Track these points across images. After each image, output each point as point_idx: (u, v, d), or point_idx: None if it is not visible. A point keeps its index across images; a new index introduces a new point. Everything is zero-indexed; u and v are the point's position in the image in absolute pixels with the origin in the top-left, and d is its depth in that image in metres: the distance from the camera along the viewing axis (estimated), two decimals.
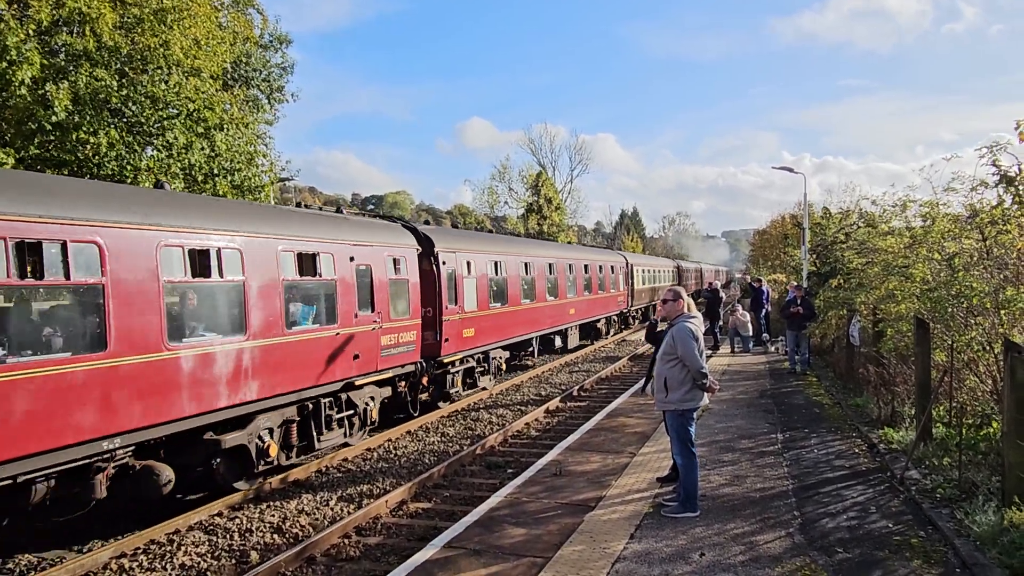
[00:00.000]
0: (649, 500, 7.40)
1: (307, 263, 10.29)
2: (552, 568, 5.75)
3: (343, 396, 11.09)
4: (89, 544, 7.79)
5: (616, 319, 31.06)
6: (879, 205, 15.48)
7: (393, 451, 11.58)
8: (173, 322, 8.00)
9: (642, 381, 15.03)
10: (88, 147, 14.11)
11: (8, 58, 12.91)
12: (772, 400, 13.06)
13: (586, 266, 25.44)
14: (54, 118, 13.34)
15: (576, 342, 24.54)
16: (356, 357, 11.15)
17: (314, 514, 8.63)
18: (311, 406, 10.38)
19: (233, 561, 7.33)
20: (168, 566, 7.14)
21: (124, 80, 14.77)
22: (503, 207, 61.43)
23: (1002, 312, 8.05)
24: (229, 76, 20.60)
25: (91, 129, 13.93)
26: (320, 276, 10.48)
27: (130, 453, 7.66)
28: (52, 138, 14.07)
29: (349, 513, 8.58)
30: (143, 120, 14.75)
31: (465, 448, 11.49)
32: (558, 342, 22.51)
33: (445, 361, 14.37)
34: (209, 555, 7.44)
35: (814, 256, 23.35)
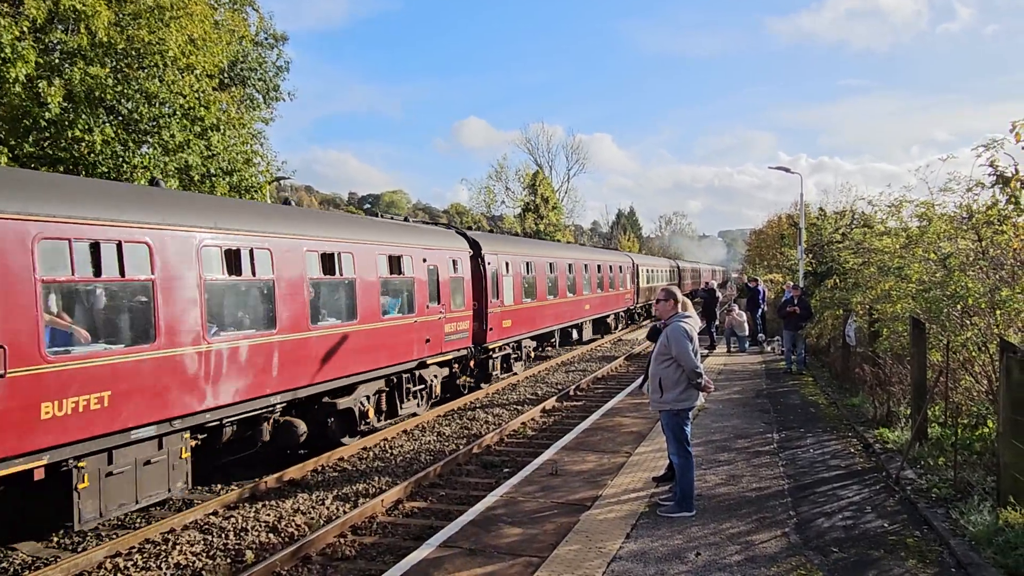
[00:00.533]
0: (645, 500, 7.40)
1: (395, 264, 12.63)
2: (548, 567, 5.74)
3: (417, 373, 13.43)
4: (83, 543, 7.76)
5: (624, 315, 33.24)
6: (875, 206, 15.52)
7: (389, 450, 11.56)
8: (313, 309, 10.42)
9: (639, 380, 15.04)
10: (83, 145, 14.06)
11: (2, 55, 12.85)
12: (768, 400, 13.08)
13: (599, 266, 27.46)
14: (48, 115, 13.27)
15: (590, 335, 26.47)
16: (427, 341, 13.57)
17: (310, 513, 8.61)
18: (395, 380, 12.73)
19: (228, 560, 7.30)
20: (163, 565, 7.12)
21: (119, 76, 14.72)
22: (500, 206, 61.44)
23: (998, 312, 8.06)
24: (225, 75, 20.54)
25: (86, 127, 13.87)
26: (403, 274, 12.84)
27: (281, 409, 10.03)
28: (47, 135, 14.01)
29: (345, 512, 8.56)
30: (138, 117, 14.70)
31: (461, 447, 11.48)
32: (575, 335, 24.73)
33: (489, 347, 16.65)
34: (204, 554, 7.41)
35: (810, 256, 23.40)
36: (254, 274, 9.32)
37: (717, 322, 23.49)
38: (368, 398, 11.84)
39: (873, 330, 12.28)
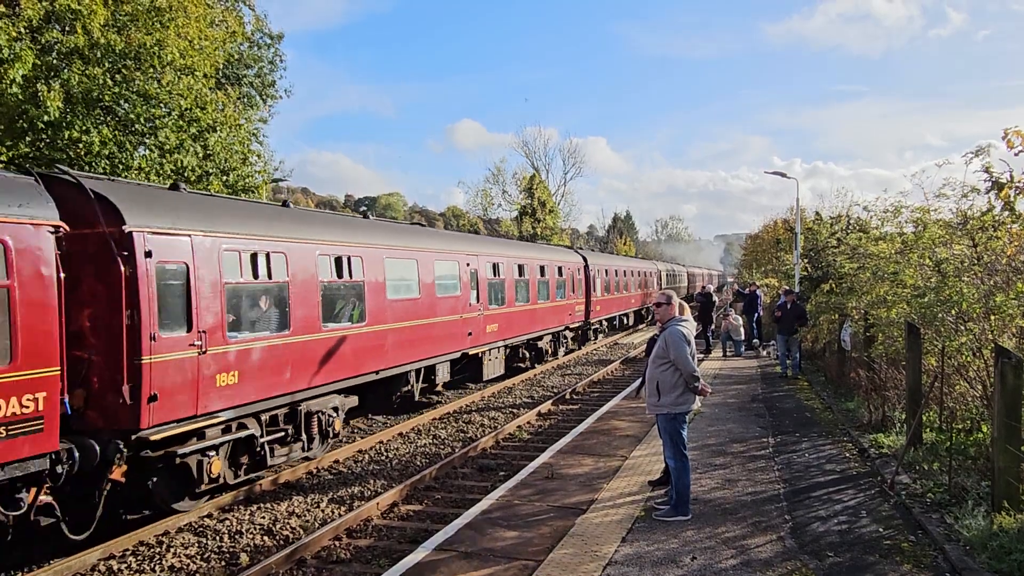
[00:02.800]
0: (641, 503, 7.40)
1: (532, 270, 20.26)
2: (543, 571, 5.74)
3: (567, 335, 24.08)
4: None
5: (569, 335, 38.98)
6: (871, 211, 15.58)
7: (384, 453, 11.54)
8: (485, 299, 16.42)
9: (636, 383, 15.05)
10: (80, 146, 14.02)
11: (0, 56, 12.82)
12: (764, 404, 13.10)
13: (641, 271, 38.80)
14: (46, 117, 13.23)
15: (632, 323, 37.01)
16: (570, 315, 23.62)
17: (304, 516, 8.58)
18: (555, 336, 22.49)
19: (223, 563, 7.28)
20: (157, 568, 7.09)
21: (117, 77, 14.69)
22: (496, 209, 61.45)
23: (992, 318, 8.10)
24: (222, 75, 20.52)
25: (83, 127, 13.84)
26: (547, 276, 21.29)
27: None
28: (43, 136, 13.97)
29: (340, 515, 8.54)
30: (134, 118, 14.67)
31: (457, 450, 11.46)
32: (627, 320, 35.29)
33: (591, 323, 26.97)
34: (199, 557, 7.39)
35: (806, 261, 23.46)
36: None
37: (713, 326, 23.55)
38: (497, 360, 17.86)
39: (868, 335, 12.32)
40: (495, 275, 17.33)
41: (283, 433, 9.83)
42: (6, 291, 6.32)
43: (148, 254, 7.57)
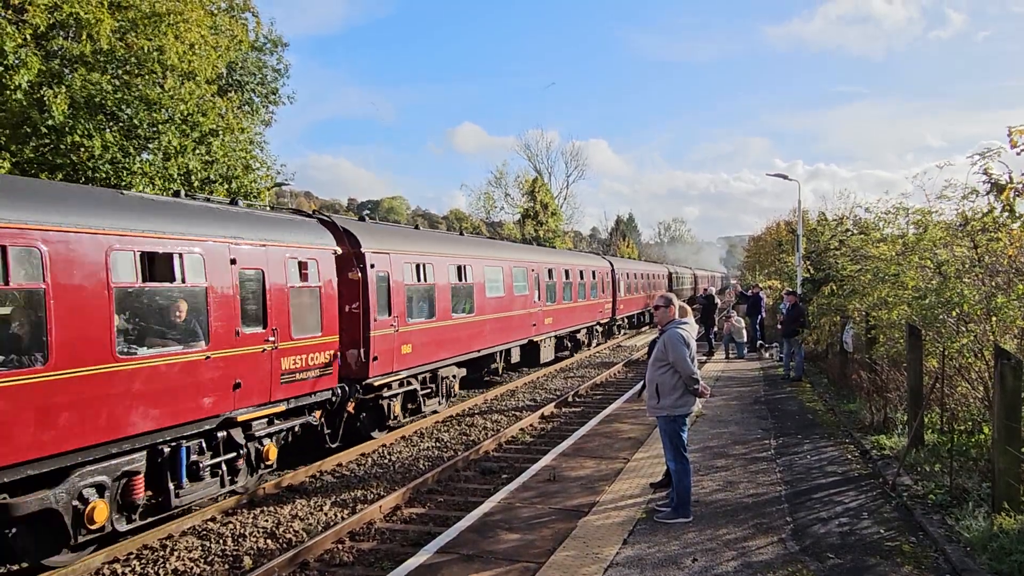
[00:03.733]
0: (642, 505, 7.42)
1: (575, 274, 24.24)
2: (545, 573, 5.76)
3: (585, 330, 26.24)
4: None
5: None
6: (873, 212, 15.58)
7: (387, 456, 11.57)
8: (544, 298, 20.43)
9: (638, 386, 15.07)
10: (83, 151, 14.11)
11: (5, 62, 12.91)
12: (766, 406, 13.10)
13: (655, 274, 42.57)
14: (51, 122, 13.33)
15: (649, 320, 38.58)
16: (600, 312, 27.83)
17: (308, 519, 8.62)
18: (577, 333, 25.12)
19: (226, 566, 7.31)
20: (161, 571, 7.12)
21: (119, 83, 14.78)
22: (499, 212, 61.46)
23: (993, 319, 8.10)
24: (224, 81, 20.61)
25: (86, 133, 13.92)
26: (584, 279, 25.44)
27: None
28: (47, 142, 14.06)
29: (343, 518, 8.57)
30: (137, 123, 14.75)
31: (459, 453, 11.49)
32: (644, 317, 37.98)
33: (616, 319, 31.23)
34: (202, 560, 7.43)
35: (808, 262, 23.45)
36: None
37: (716, 328, 23.54)
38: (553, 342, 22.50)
39: (870, 336, 12.32)
40: (550, 278, 21.65)
41: (429, 390, 13.84)
42: (319, 289, 10.37)
43: (372, 266, 11.57)
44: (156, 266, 7.97)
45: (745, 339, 21.52)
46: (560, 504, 7.62)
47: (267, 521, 8.48)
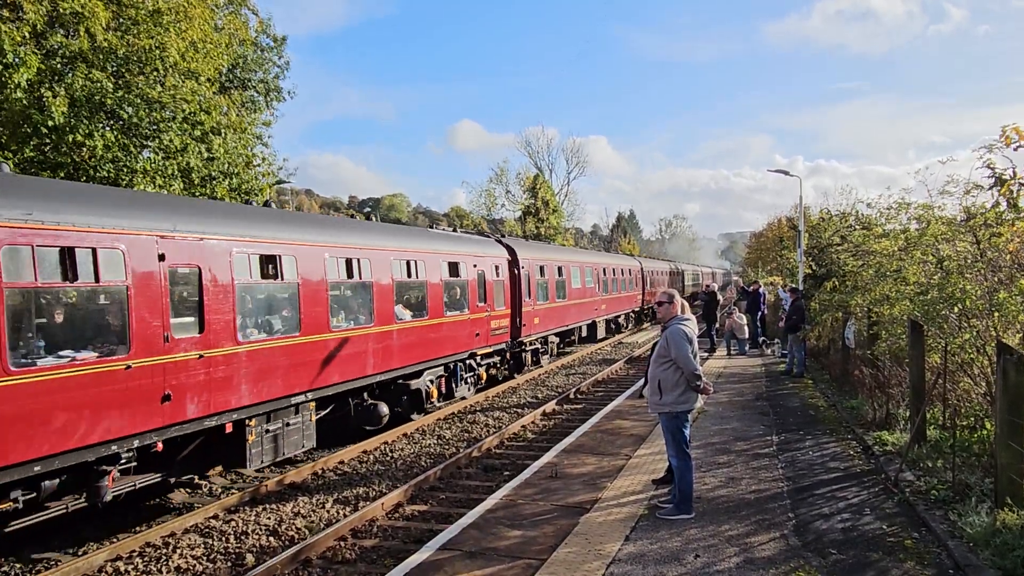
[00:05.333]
0: (644, 502, 7.42)
1: (619, 272, 31.70)
2: (547, 570, 5.76)
3: (623, 316, 33.13)
4: (84, 547, 7.78)
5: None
6: (875, 208, 15.54)
7: (389, 453, 11.58)
8: (600, 290, 28.17)
9: (639, 383, 15.06)
10: (84, 150, 14.09)
11: (4, 60, 12.89)
12: (768, 402, 13.09)
13: (668, 271, 47.64)
14: (51, 122, 13.30)
15: None
16: (632, 302, 34.47)
17: (310, 516, 8.63)
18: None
19: (229, 564, 7.32)
20: (163, 569, 7.14)
21: (120, 82, 14.74)
22: (500, 209, 61.41)
23: (995, 314, 8.08)
24: (225, 79, 20.57)
25: (87, 131, 13.90)
26: (623, 276, 32.28)
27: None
28: (48, 141, 14.03)
29: (345, 515, 8.58)
30: (137, 122, 14.72)
31: (461, 450, 11.50)
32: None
33: (644, 309, 37.08)
34: (204, 557, 7.44)
35: (810, 259, 23.41)
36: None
37: (717, 325, 23.51)
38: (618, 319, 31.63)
39: (872, 333, 12.30)
40: (604, 275, 28.78)
41: (543, 349, 20.80)
42: (504, 281, 17.42)
43: (522, 267, 18.41)
44: (457, 269, 14.92)
45: (746, 336, 21.50)
46: (562, 501, 7.62)
47: (269, 519, 8.49)
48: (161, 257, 7.86)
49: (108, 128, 14.50)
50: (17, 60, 12.90)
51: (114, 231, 7.36)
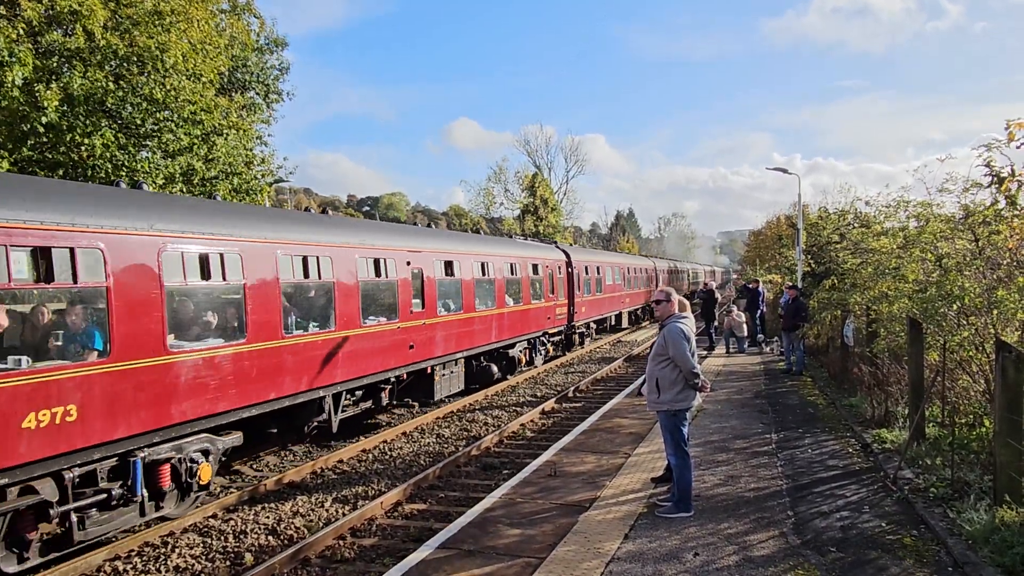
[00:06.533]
0: (643, 500, 7.42)
1: (636, 270, 36.07)
2: (546, 568, 5.76)
3: (640, 310, 37.79)
4: (84, 547, 7.76)
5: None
6: (873, 206, 15.54)
7: (388, 452, 11.57)
8: (623, 286, 32.79)
9: (638, 381, 15.07)
10: (82, 149, 14.06)
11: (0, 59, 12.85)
12: (767, 400, 13.09)
13: (675, 270, 52.23)
14: (45, 119, 13.25)
15: None
16: (647, 297, 36.21)
17: (309, 515, 8.62)
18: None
19: (227, 563, 7.32)
20: (162, 568, 7.13)
21: (121, 82, 14.71)
22: (499, 208, 61.42)
23: (994, 312, 8.08)
24: (226, 81, 20.54)
25: (85, 131, 13.87)
26: (640, 275, 36.99)
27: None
28: (45, 140, 14.00)
29: (344, 514, 8.57)
30: (139, 121, 14.70)
31: (460, 449, 11.49)
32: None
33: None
34: (203, 557, 7.43)
35: (809, 257, 23.42)
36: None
37: (716, 323, 23.52)
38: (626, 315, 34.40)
39: (871, 330, 12.29)
40: (628, 273, 33.29)
41: (587, 333, 25.60)
42: (563, 278, 22.32)
43: (574, 267, 23.32)
44: (536, 268, 19.71)
45: (745, 334, 21.51)
46: (561, 499, 7.62)
47: (268, 518, 8.48)
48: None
49: (107, 127, 14.47)
50: (12, 58, 12.85)
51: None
